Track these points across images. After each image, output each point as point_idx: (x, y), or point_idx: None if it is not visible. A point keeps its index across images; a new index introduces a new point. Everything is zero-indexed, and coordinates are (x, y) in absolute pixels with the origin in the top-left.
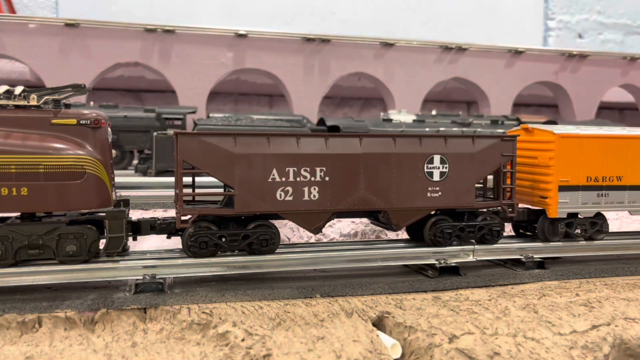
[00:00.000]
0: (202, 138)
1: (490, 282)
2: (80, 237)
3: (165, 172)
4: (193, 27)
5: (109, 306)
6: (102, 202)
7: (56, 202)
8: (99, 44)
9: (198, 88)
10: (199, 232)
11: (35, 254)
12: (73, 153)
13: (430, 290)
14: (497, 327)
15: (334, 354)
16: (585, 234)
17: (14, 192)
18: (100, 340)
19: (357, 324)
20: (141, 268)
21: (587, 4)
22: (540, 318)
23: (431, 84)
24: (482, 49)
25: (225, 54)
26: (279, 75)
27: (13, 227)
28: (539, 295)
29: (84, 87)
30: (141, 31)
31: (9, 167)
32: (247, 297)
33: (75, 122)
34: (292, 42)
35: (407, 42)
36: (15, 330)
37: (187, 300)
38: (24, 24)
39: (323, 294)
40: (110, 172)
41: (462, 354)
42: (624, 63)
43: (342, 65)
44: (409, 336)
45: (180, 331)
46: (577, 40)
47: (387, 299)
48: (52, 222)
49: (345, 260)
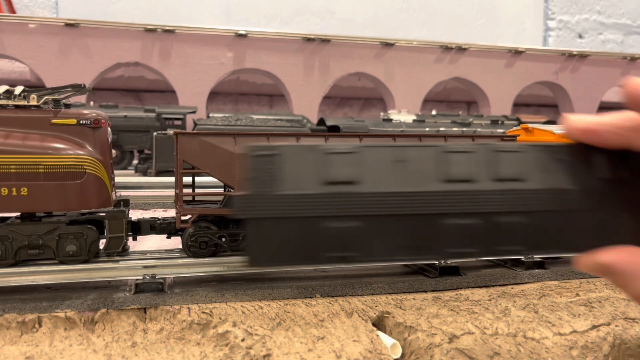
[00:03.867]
0: (202, 138)
1: (491, 282)
2: (80, 237)
3: (165, 172)
4: (193, 27)
5: (109, 306)
6: (102, 202)
7: (56, 202)
8: (99, 44)
9: (198, 88)
10: (199, 232)
11: (35, 254)
12: (73, 153)
13: (430, 290)
14: (497, 327)
15: (334, 354)
16: None
17: (14, 192)
18: (100, 340)
19: (357, 323)
20: (141, 268)
21: (587, 4)
22: (541, 318)
23: (431, 84)
24: (482, 49)
25: (225, 54)
26: (279, 75)
27: (13, 227)
28: (539, 295)
29: (84, 87)
30: (141, 31)
31: (8, 167)
32: (247, 297)
33: (75, 122)
34: (292, 42)
35: (407, 42)
36: (15, 330)
37: (187, 300)
38: (23, 23)
39: (323, 293)
40: (110, 172)
41: (462, 354)
42: (624, 63)
43: (342, 65)
44: (409, 336)
45: (180, 331)
46: (577, 40)
47: (387, 298)
48: (52, 222)
49: None
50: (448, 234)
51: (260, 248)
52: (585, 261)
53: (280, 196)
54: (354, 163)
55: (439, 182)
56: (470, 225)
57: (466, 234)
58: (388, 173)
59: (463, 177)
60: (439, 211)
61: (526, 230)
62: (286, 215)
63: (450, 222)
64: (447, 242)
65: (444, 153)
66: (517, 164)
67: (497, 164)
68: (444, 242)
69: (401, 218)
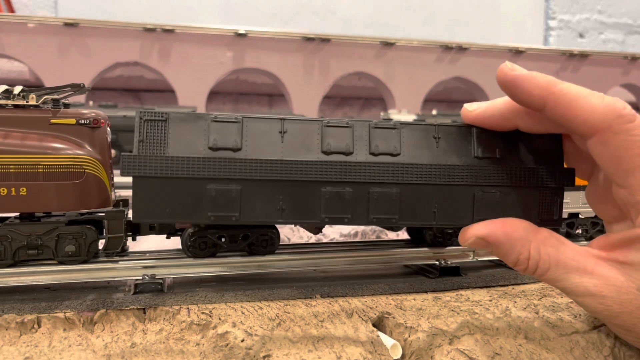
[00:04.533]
0: None
1: (491, 283)
2: (79, 237)
3: None
4: (192, 27)
5: (108, 306)
6: (101, 202)
7: (55, 202)
8: (98, 43)
9: (198, 88)
10: (199, 232)
11: (34, 254)
12: (72, 153)
13: (430, 290)
14: (498, 328)
15: (334, 355)
16: (587, 234)
17: (13, 192)
18: (100, 340)
19: (357, 324)
20: (140, 268)
21: (588, 4)
22: (541, 318)
23: (431, 84)
24: (482, 49)
25: (225, 54)
26: (278, 75)
27: (12, 227)
28: (539, 295)
29: (83, 87)
30: (140, 31)
31: (8, 167)
32: (246, 297)
33: (74, 122)
34: (292, 42)
35: (408, 42)
36: (14, 331)
37: (186, 301)
38: (23, 23)
39: (323, 294)
40: (109, 172)
41: (463, 355)
42: (625, 63)
43: (342, 65)
44: (409, 337)
45: (179, 332)
46: (578, 40)
47: (388, 299)
48: (51, 222)
49: (346, 262)
50: (326, 201)
51: (146, 205)
52: (464, 236)
53: (167, 158)
54: (238, 132)
55: (319, 153)
56: (346, 194)
57: (342, 202)
58: (270, 143)
59: (340, 150)
60: (317, 179)
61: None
62: (172, 175)
63: (327, 190)
64: (325, 208)
65: (325, 127)
66: (392, 140)
67: (373, 139)
68: (322, 209)
69: (280, 184)
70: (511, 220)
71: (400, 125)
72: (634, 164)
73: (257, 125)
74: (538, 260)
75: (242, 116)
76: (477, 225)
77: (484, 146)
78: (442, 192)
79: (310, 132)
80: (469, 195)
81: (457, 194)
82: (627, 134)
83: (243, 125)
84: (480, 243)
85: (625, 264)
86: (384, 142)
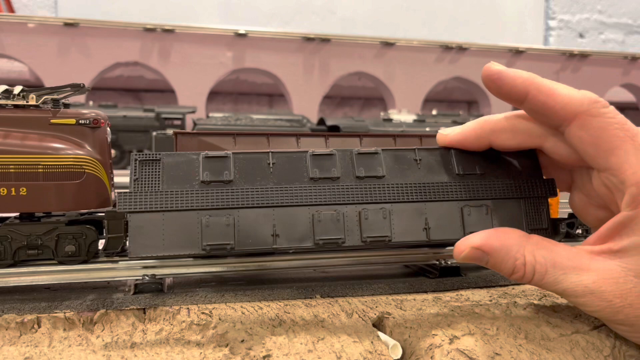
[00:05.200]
0: (201, 138)
1: (491, 283)
2: (79, 237)
3: None
4: (192, 27)
5: (108, 306)
6: (101, 202)
7: (55, 202)
8: (98, 43)
9: (197, 88)
10: None
11: (34, 254)
12: (72, 153)
13: (430, 290)
14: (498, 328)
15: (334, 355)
16: (587, 234)
17: (13, 192)
18: (100, 340)
19: (357, 324)
20: (140, 268)
21: (588, 4)
22: (542, 318)
23: (432, 84)
24: (482, 49)
25: (225, 54)
26: (278, 75)
27: (12, 227)
28: (540, 295)
29: (83, 87)
30: (140, 31)
31: (8, 167)
32: (246, 297)
33: (74, 122)
34: (292, 42)
35: (408, 42)
36: (14, 331)
37: (186, 301)
38: (23, 23)
39: (323, 294)
40: (109, 172)
41: (463, 355)
42: (625, 63)
43: (342, 65)
44: (409, 337)
45: (179, 332)
46: (578, 40)
47: (388, 299)
48: (51, 222)
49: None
50: (319, 223)
51: (143, 240)
52: (458, 248)
53: (161, 192)
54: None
55: (307, 180)
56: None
57: (336, 224)
58: (260, 173)
59: (328, 175)
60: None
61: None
62: (166, 209)
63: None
64: (319, 231)
65: (311, 156)
66: (375, 163)
67: (358, 165)
68: (316, 231)
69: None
70: (503, 229)
71: (381, 151)
72: (613, 144)
73: (246, 157)
74: (534, 264)
75: (233, 153)
76: (471, 236)
77: (463, 164)
78: (430, 209)
79: (298, 161)
80: (456, 211)
81: (445, 210)
82: (604, 116)
83: (232, 159)
84: (475, 253)
85: (620, 252)
86: (368, 166)
